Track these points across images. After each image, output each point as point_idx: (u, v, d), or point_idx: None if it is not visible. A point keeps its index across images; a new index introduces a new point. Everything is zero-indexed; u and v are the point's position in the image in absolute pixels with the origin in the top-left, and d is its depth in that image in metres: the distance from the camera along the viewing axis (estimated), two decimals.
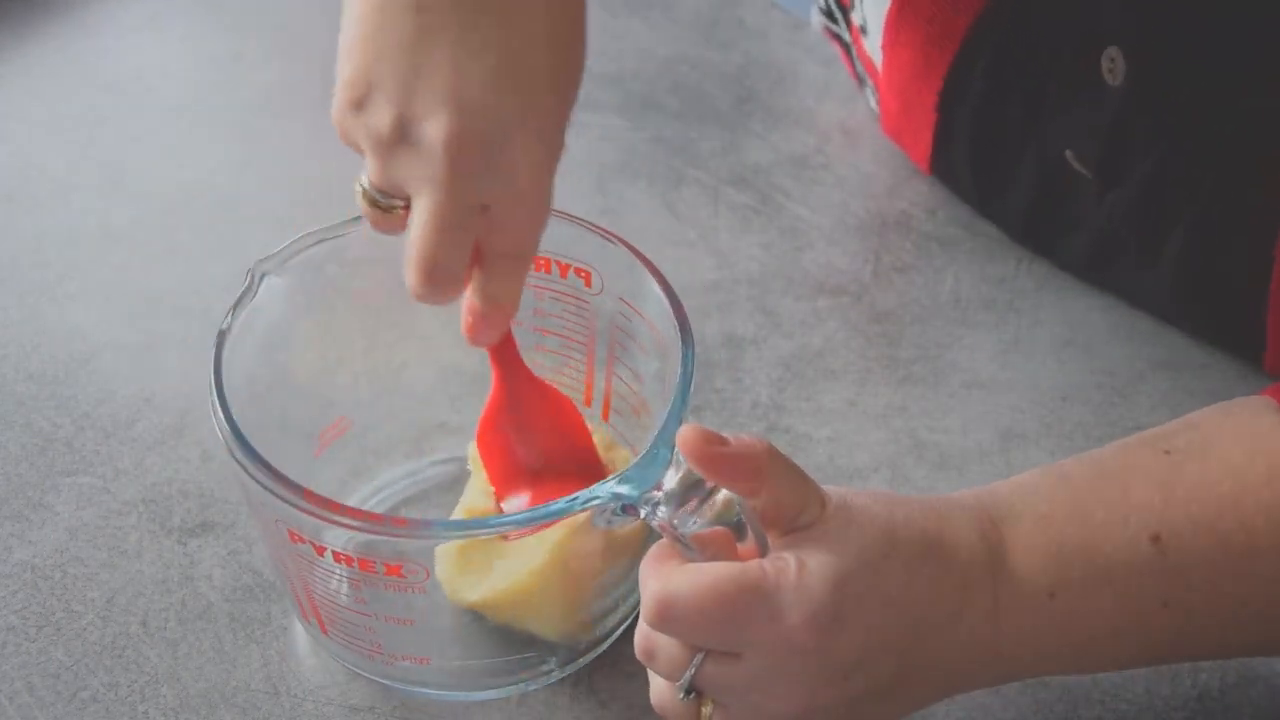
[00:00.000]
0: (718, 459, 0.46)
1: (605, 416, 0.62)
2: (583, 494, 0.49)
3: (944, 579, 0.48)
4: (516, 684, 0.57)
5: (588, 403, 0.62)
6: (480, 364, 0.57)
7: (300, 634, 0.59)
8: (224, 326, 0.54)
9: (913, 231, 0.77)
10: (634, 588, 0.56)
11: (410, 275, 0.49)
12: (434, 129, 0.47)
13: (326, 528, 0.50)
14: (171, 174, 0.80)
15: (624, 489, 0.49)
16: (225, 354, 0.53)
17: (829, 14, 0.83)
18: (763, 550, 0.47)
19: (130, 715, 0.56)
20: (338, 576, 0.52)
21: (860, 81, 0.82)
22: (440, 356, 0.63)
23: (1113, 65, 0.64)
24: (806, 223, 0.78)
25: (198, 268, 0.74)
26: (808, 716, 0.48)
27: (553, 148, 0.50)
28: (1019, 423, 0.68)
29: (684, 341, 0.54)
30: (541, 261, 0.58)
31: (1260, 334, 0.65)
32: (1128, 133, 0.65)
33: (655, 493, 0.48)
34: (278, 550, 0.54)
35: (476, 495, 0.58)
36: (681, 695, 0.48)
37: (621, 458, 0.59)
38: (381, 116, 0.48)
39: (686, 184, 0.80)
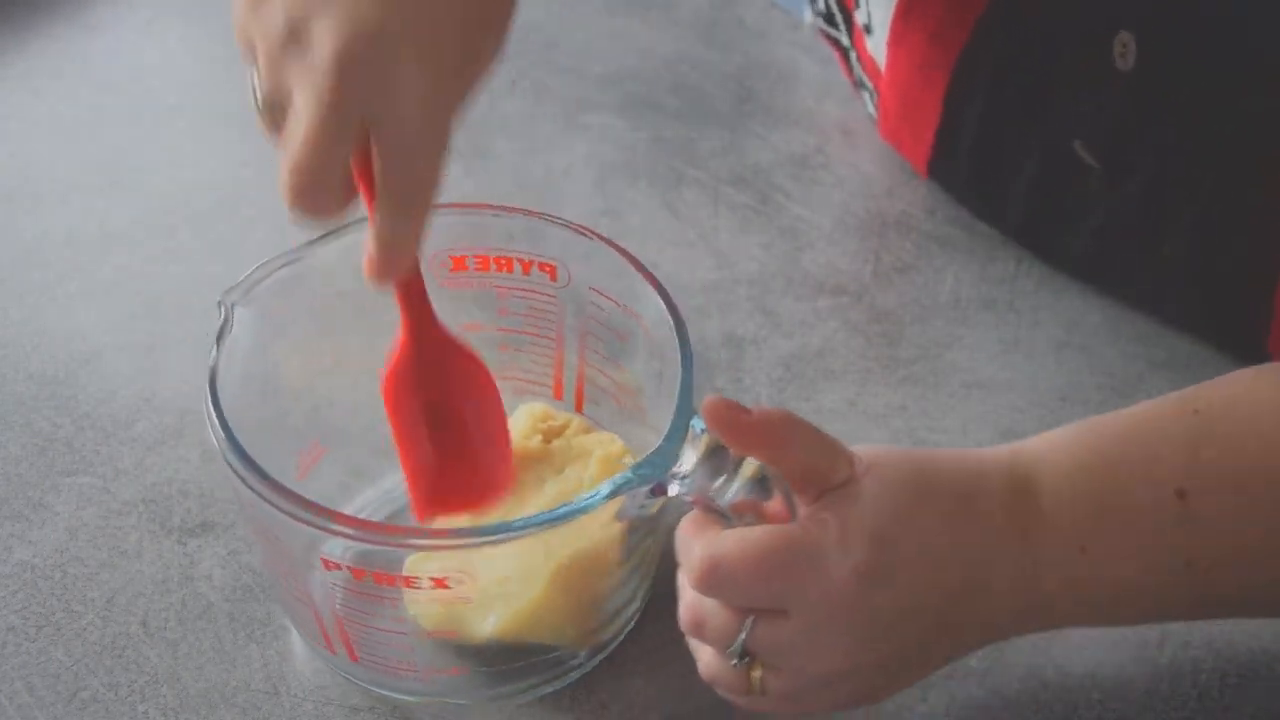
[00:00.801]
0: (742, 426, 0.48)
1: (579, 408, 0.62)
2: (609, 482, 0.49)
3: (979, 533, 0.49)
4: (553, 680, 0.57)
5: (558, 395, 0.62)
6: None
7: (300, 634, 0.59)
8: (212, 363, 0.53)
9: (913, 231, 0.77)
10: (644, 578, 0.56)
11: (282, 184, 0.49)
12: (322, 33, 0.47)
13: (376, 551, 0.51)
14: (171, 174, 0.80)
15: (648, 470, 0.49)
16: (220, 392, 0.52)
17: (828, 18, 0.82)
18: (793, 513, 0.48)
19: (130, 715, 0.56)
20: (389, 600, 0.52)
21: (858, 85, 0.82)
22: None
23: (1124, 50, 0.64)
24: (806, 223, 0.78)
25: (198, 268, 0.74)
26: (852, 675, 0.49)
27: (445, 89, 0.50)
28: (1019, 423, 0.68)
29: (676, 325, 0.54)
30: (503, 261, 0.58)
31: (1261, 335, 0.65)
32: (1137, 120, 0.65)
33: (680, 469, 0.49)
34: (325, 598, 0.54)
35: None
36: (735, 661, 0.49)
37: (602, 440, 0.59)
38: (275, 16, 0.48)
39: (686, 184, 0.80)
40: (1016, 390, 0.69)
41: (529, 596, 0.54)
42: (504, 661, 0.56)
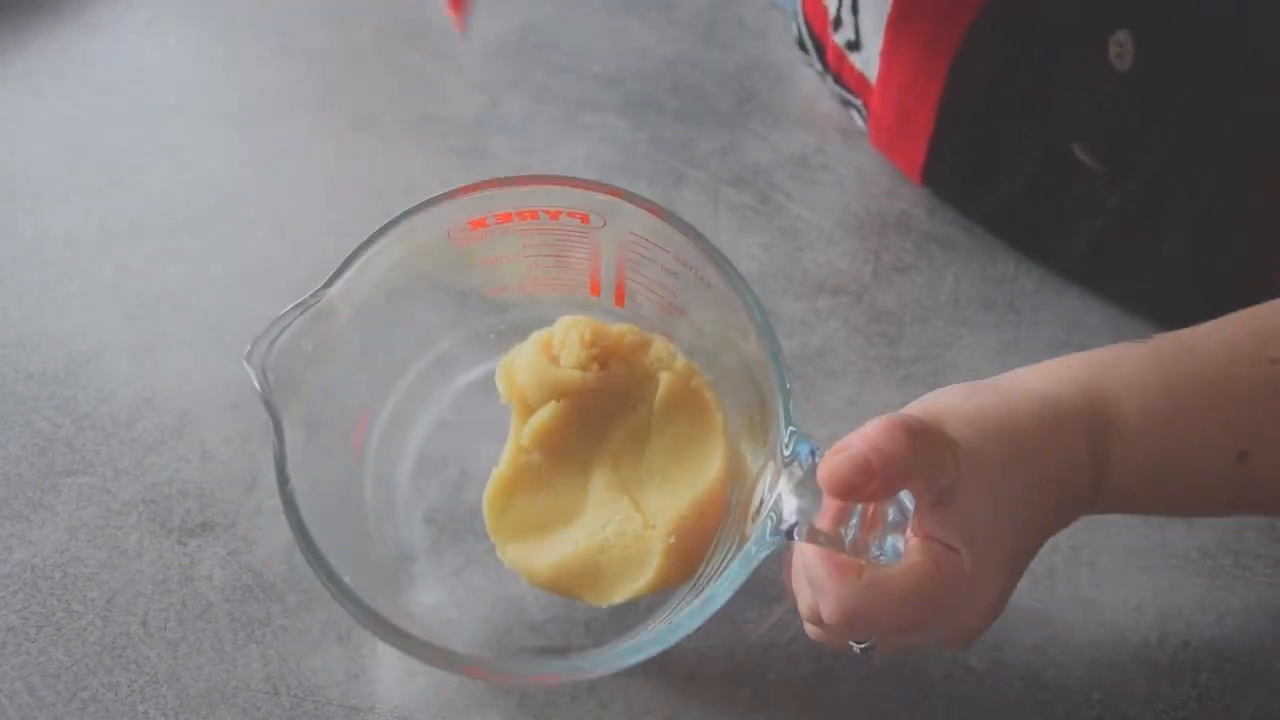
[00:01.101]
0: (873, 491, 0.47)
1: (620, 302, 0.59)
2: (741, 565, 0.48)
3: (1068, 503, 0.51)
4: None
5: (595, 290, 0.58)
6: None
7: (300, 634, 0.59)
8: (288, 489, 0.49)
9: (913, 231, 0.77)
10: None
11: None
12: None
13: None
14: (171, 174, 0.80)
15: (769, 536, 0.48)
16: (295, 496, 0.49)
17: (801, 45, 0.83)
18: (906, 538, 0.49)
19: (130, 715, 0.56)
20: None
21: (841, 103, 0.82)
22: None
23: (1120, 50, 0.64)
24: (806, 223, 0.78)
25: (198, 268, 0.74)
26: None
27: None
28: None
29: (782, 394, 0.51)
30: (527, 214, 0.55)
31: None
32: (1136, 121, 0.65)
33: (791, 517, 0.48)
34: None
35: (527, 449, 0.57)
36: (859, 650, 0.51)
37: (659, 354, 0.57)
38: None
39: (686, 184, 0.80)
40: None
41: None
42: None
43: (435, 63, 0.88)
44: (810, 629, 0.53)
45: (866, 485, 0.46)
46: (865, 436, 0.46)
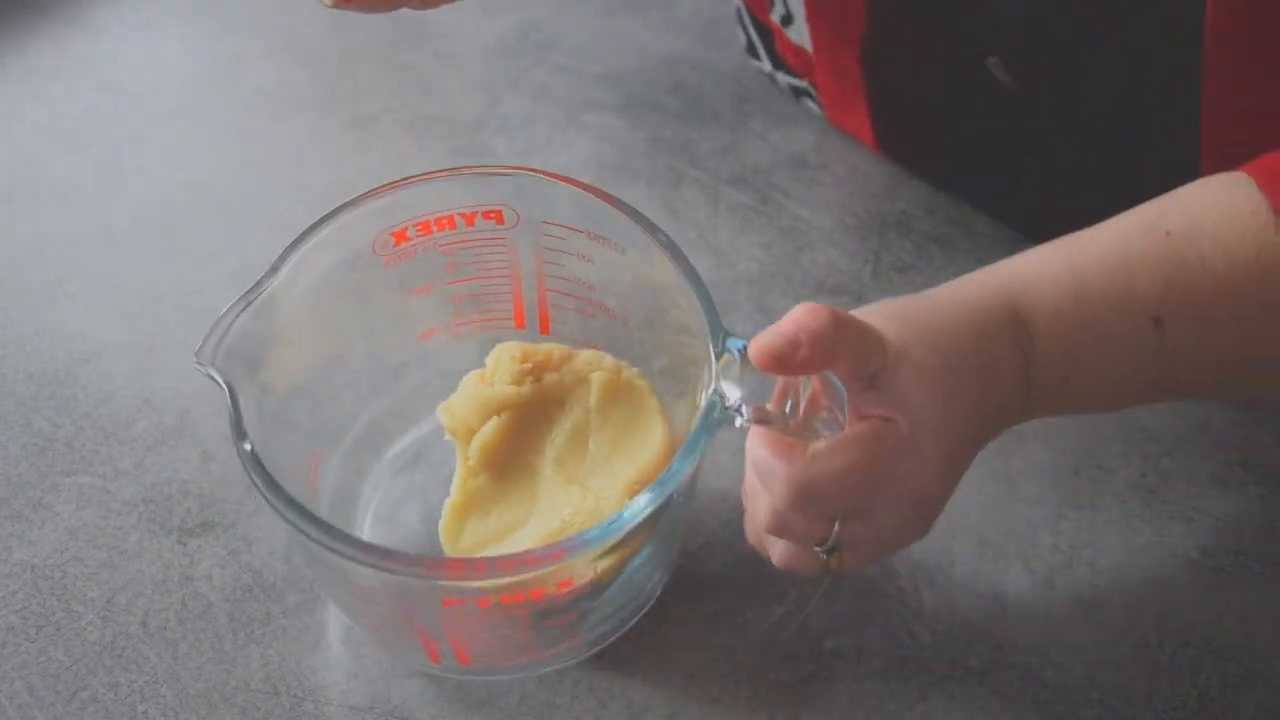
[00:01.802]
0: (800, 364, 0.49)
1: (544, 329, 0.62)
2: (687, 446, 0.50)
3: (1000, 395, 0.54)
4: (639, 611, 0.58)
5: (519, 324, 0.62)
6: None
7: (300, 634, 0.59)
8: (248, 449, 0.50)
9: (913, 231, 0.77)
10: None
11: None
12: None
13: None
14: (171, 174, 0.80)
15: (711, 417, 0.50)
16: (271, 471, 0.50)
17: (751, 50, 0.84)
18: (844, 421, 0.50)
19: (130, 715, 0.56)
20: (514, 613, 0.52)
21: (799, 95, 0.82)
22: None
23: None
24: (806, 223, 0.78)
25: (198, 268, 0.74)
26: (914, 534, 0.54)
27: None
28: None
29: (671, 251, 0.56)
30: (445, 220, 0.58)
31: None
32: (1049, 28, 0.66)
33: (733, 401, 0.50)
34: (444, 627, 0.54)
35: (474, 470, 0.58)
36: (824, 556, 0.53)
37: (590, 360, 0.59)
38: None
39: (686, 184, 0.80)
40: None
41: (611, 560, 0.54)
42: (609, 606, 0.56)
43: (435, 63, 0.88)
44: (770, 545, 0.55)
45: (794, 356, 0.48)
46: (792, 317, 0.49)
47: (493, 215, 0.58)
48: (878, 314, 0.53)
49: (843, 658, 0.58)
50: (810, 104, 0.82)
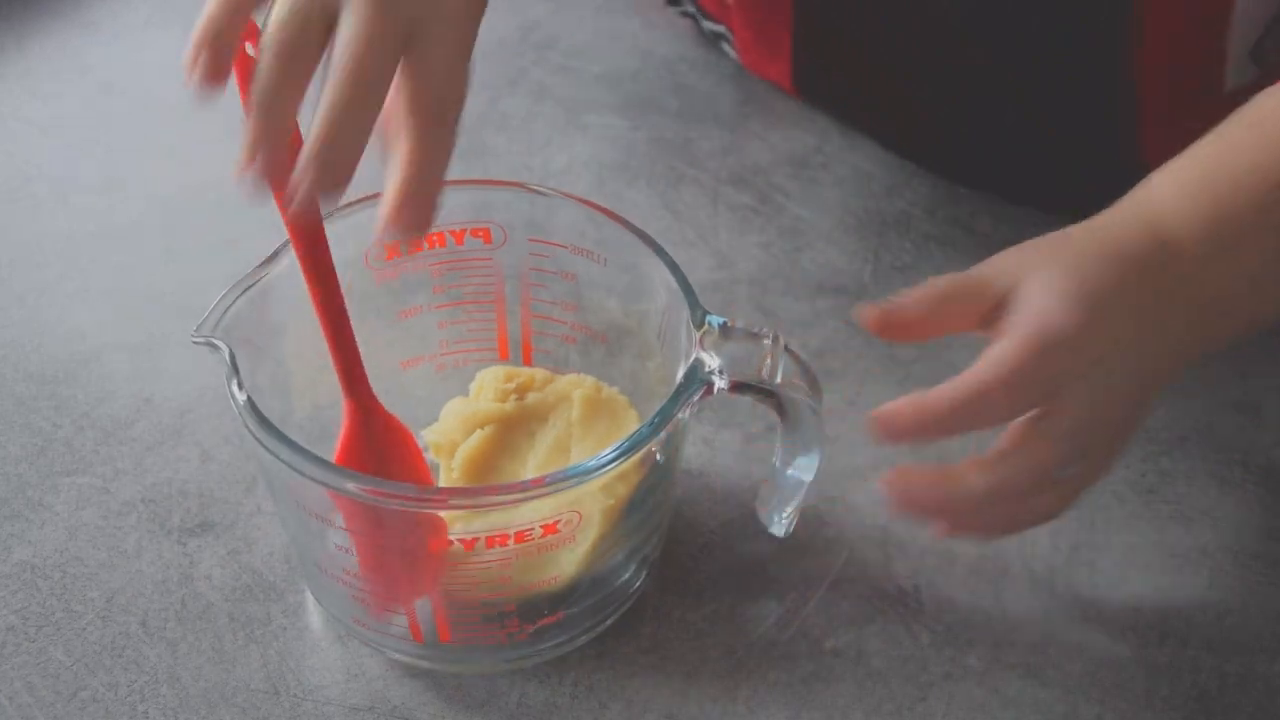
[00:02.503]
0: (914, 328, 0.54)
1: (527, 361, 0.63)
2: (673, 396, 0.52)
3: (1143, 300, 0.53)
4: (620, 607, 0.59)
5: (504, 355, 0.63)
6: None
7: (300, 634, 0.59)
8: (243, 400, 0.51)
9: (912, 231, 0.77)
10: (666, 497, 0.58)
11: (334, 95, 0.46)
12: None
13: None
14: (171, 174, 0.80)
15: (693, 378, 0.52)
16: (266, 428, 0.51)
17: None
18: (815, 387, 0.53)
19: (130, 715, 0.56)
20: (497, 563, 0.53)
21: (712, 39, 0.83)
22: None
23: None
24: (806, 222, 0.78)
25: (198, 268, 0.74)
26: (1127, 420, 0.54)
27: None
28: None
29: (646, 241, 0.56)
30: (433, 237, 0.59)
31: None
32: None
33: (713, 365, 0.52)
34: (409, 581, 0.55)
35: (458, 483, 0.59)
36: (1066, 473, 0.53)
37: (572, 381, 0.60)
38: None
39: (686, 184, 0.80)
40: None
41: (595, 529, 0.54)
42: (590, 596, 0.56)
43: None
44: (1033, 495, 0.53)
45: (908, 319, 0.53)
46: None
47: (480, 233, 0.59)
48: (1014, 250, 0.55)
49: (843, 658, 0.58)
50: (727, 48, 0.83)
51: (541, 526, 0.51)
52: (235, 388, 0.51)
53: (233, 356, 0.52)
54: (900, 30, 0.72)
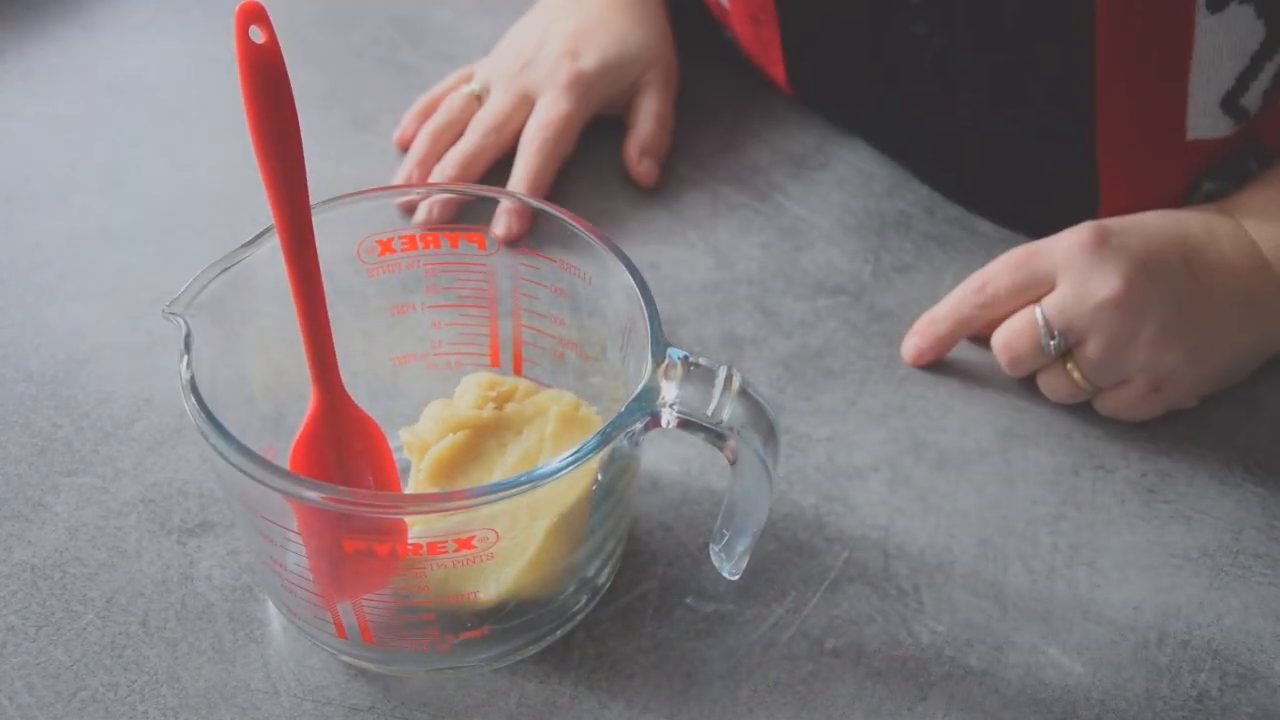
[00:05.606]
0: (952, 340, 0.69)
1: (517, 370, 0.63)
2: (609, 424, 0.51)
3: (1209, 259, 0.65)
4: (559, 628, 0.58)
5: (494, 363, 0.63)
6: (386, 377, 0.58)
7: (299, 634, 0.59)
8: (188, 376, 0.51)
9: (912, 231, 0.77)
10: (621, 518, 0.57)
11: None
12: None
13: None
14: (171, 174, 0.80)
15: (639, 407, 0.51)
16: (209, 404, 0.51)
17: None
18: (770, 416, 0.52)
19: (130, 715, 0.56)
20: (414, 572, 0.52)
21: (721, 12, 0.84)
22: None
23: None
24: (806, 223, 0.78)
25: (198, 268, 0.74)
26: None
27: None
28: (1018, 423, 0.68)
29: (629, 267, 0.56)
30: (429, 237, 0.59)
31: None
32: None
33: (666, 399, 0.51)
34: (338, 577, 0.54)
35: (423, 484, 0.59)
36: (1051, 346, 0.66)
37: (553, 396, 0.60)
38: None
39: (685, 184, 0.80)
40: (1016, 390, 0.69)
41: (530, 551, 0.54)
42: (519, 616, 0.56)
43: (435, 63, 0.88)
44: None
45: (946, 336, 0.69)
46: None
47: (475, 238, 0.59)
48: (1068, 231, 0.65)
49: (843, 658, 0.58)
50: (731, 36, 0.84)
51: (455, 541, 0.51)
52: (184, 365, 0.51)
53: (189, 334, 0.52)
54: (879, 45, 0.72)
